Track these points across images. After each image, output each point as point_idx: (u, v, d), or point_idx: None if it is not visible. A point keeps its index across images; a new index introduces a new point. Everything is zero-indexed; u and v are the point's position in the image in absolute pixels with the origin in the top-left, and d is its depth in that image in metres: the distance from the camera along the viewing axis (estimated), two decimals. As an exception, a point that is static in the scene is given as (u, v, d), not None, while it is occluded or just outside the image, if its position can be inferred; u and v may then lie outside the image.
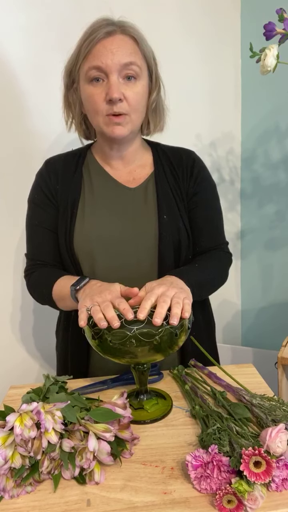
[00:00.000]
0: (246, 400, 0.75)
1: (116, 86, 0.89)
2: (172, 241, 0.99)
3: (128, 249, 0.99)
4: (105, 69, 0.89)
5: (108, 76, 0.90)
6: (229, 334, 1.85)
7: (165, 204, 1.01)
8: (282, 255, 1.67)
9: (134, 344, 0.70)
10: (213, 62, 1.60)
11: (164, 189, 1.02)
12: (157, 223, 0.99)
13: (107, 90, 0.90)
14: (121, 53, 0.89)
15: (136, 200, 1.02)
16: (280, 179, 1.60)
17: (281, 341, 1.21)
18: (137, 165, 1.05)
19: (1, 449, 0.59)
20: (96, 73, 0.90)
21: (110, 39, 0.89)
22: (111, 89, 0.89)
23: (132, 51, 0.91)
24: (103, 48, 0.89)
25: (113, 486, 0.61)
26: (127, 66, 0.90)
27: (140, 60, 0.93)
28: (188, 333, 0.76)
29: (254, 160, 1.67)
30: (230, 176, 1.71)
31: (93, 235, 0.98)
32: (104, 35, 0.89)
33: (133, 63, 0.90)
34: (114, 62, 0.89)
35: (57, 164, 1.05)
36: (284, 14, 0.85)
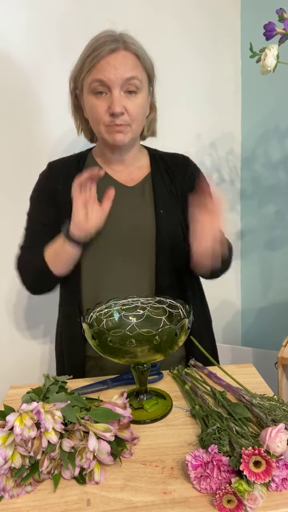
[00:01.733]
0: (246, 400, 0.75)
1: (118, 101, 0.94)
2: (169, 234, 1.04)
3: (126, 242, 1.02)
4: (108, 83, 0.94)
5: (111, 90, 0.95)
6: (229, 334, 1.85)
7: (161, 199, 1.06)
8: (282, 255, 1.66)
9: (134, 344, 0.70)
10: (213, 62, 1.60)
11: (160, 186, 1.07)
12: (154, 217, 1.03)
13: (109, 104, 0.95)
14: (123, 68, 0.94)
15: (134, 197, 1.06)
16: (280, 179, 1.60)
17: (281, 341, 1.21)
18: (135, 167, 1.10)
19: (1, 449, 0.59)
20: (99, 86, 0.95)
21: (114, 55, 0.94)
22: (114, 104, 0.94)
23: (133, 66, 0.96)
24: (107, 64, 0.94)
25: (113, 486, 0.61)
26: (128, 81, 0.95)
27: (141, 73, 0.98)
28: (188, 333, 0.76)
29: (254, 160, 1.66)
30: (230, 176, 1.71)
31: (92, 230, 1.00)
32: (108, 52, 0.94)
33: (135, 77, 0.96)
34: (117, 77, 0.94)
35: (59, 166, 1.10)
36: (284, 14, 0.85)
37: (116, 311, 0.86)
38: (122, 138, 0.99)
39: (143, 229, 1.03)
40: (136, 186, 1.08)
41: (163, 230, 1.03)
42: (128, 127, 0.98)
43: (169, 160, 1.12)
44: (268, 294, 1.74)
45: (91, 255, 1.02)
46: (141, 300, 0.88)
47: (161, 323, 0.83)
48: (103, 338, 0.72)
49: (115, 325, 0.85)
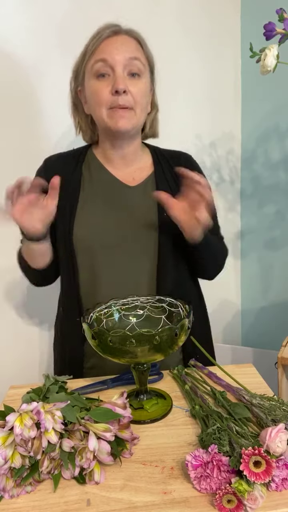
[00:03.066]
0: (246, 400, 0.75)
1: (121, 78, 0.93)
2: (172, 235, 1.01)
3: (128, 243, 1.00)
4: (111, 62, 0.93)
5: (114, 70, 0.94)
6: (229, 334, 1.85)
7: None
8: (282, 255, 1.66)
9: (134, 344, 0.70)
10: (213, 62, 1.60)
11: (163, 187, 1.04)
12: (157, 218, 1.01)
13: (112, 83, 0.94)
14: (126, 48, 0.94)
15: (136, 197, 1.04)
16: (280, 179, 1.60)
17: (281, 341, 1.21)
18: (137, 167, 1.08)
19: (1, 449, 0.59)
20: (102, 67, 0.94)
21: (115, 37, 0.95)
22: (117, 81, 0.93)
23: (135, 49, 0.96)
24: (109, 44, 0.94)
25: (113, 486, 0.61)
26: (131, 61, 0.94)
27: (143, 57, 0.98)
28: (188, 333, 0.76)
29: (254, 160, 1.67)
30: (230, 176, 1.71)
31: (94, 228, 1.00)
32: (110, 33, 0.94)
33: (137, 58, 0.95)
34: (120, 56, 0.93)
35: (55, 162, 1.08)
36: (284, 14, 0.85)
37: (116, 311, 0.86)
38: (125, 124, 0.96)
39: (146, 230, 1.01)
40: (139, 186, 1.05)
41: (166, 232, 1.01)
42: (132, 112, 0.96)
43: (172, 159, 1.10)
44: (268, 294, 1.75)
45: (92, 254, 1.00)
46: (141, 300, 0.87)
47: (161, 322, 0.83)
48: (103, 338, 0.72)
49: (115, 325, 0.85)
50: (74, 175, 1.05)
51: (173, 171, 1.07)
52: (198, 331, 1.06)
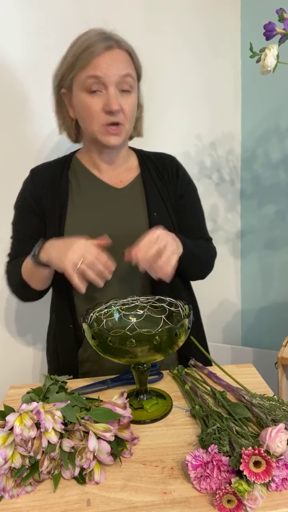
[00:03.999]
0: (246, 400, 0.75)
1: (114, 98, 0.93)
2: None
3: (119, 247, 0.97)
4: (104, 80, 0.93)
5: (107, 88, 0.94)
6: (229, 334, 1.85)
7: (154, 202, 1.04)
8: (282, 255, 1.66)
9: (134, 344, 0.70)
10: (213, 62, 1.60)
11: (151, 188, 1.06)
12: (147, 220, 1.02)
13: (105, 101, 0.94)
14: (119, 65, 0.94)
15: (124, 199, 1.04)
16: (280, 179, 1.60)
17: (281, 341, 1.21)
18: (124, 168, 1.09)
19: (1, 449, 0.59)
20: (94, 83, 0.93)
21: (109, 52, 0.93)
22: (111, 101, 0.93)
23: (127, 64, 0.96)
24: (102, 61, 0.93)
25: (113, 486, 0.61)
26: (124, 78, 0.94)
27: (133, 71, 0.98)
28: (188, 333, 0.76)
29: (254, 160, 1.66)
30: (230, 176, 1.71)
31: (86, 232, 0.98)
32: (103, 49, 0.93)
33: (129, 74, 0.96)
34: (113, 73, 0.93)
35: (42, 172, 1.08)
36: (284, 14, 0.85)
37: (116, 311, 0.86)
38: (117, 140, 0.98)
39: (137, 232, 0.98)
40: (126, 187, 1.05)
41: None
42: (123, 127, 0.97)
43: (157, 161, 1.11)
44: (268, 294, 1.74)
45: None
46: (141, 300, 0.88)
47: (161, 322, 0.83)
48: (103, 338, 0.72)
49: (115, 325, 0.85)
50: (61, 183, 1.05)
51: (159, 171, 1.09)
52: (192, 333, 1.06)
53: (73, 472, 0.62)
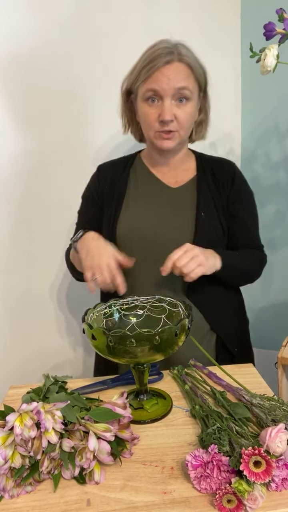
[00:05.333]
0: (246, 400, 0.75)
1: (168, 109, 1.00)
2: (207, 238, 1.06)
3: (164, 242, 1.05)
4: (161, 93, 1.00)
5: (163, 99, 1.00)
6: (229, 334, 1.85)
7: (204, 203, 1.09)
8: (282, 255, 1.66)
9: (134, 344, 0.70)
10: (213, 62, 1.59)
11: (204, 190, 1.10)
12: (194, 219, 1.06)
13: (160, 112, 1.01)
14: (176, 79, 0.99)
15: (176, 198, 1.10)
16: (280, 179, 1.60)
17: (281, 341, 1.21)
18: (181, 169, 1.15)
19: (1, 449, 0.59)
20: (152, 95, 1.01)
21: (168, 66, 1.00)
22: (164, 112, 1.00)
23: (185, 77, 1.01)
24: (161, 75, 0.99)
25: (113, 486, 0.61)
26: (180, 90, 1.00)
27: (192, 83, 1.03)
28: (188, 333, 0.76)
29: (254, 160, 1.66)
30: (230, 176, 1.71)
31: (134, 225, 1.08)
32: (163, 64, 0.99)
33: (186, 87, 1.01)
34: (170, 86, 0.99)
35: (107, 169, 1.19)
36: (284, 14, 0.85)
37: (116, 311, 0.86)
38: (169, 144, 1.04)
39: (182, 230, 1.06)
40: (180, 188, 1.11)
41: (202, 233, 1.05)
42: (176, 133, 1.03)
43: (215, 165, 1.16)
44: (268, 294, 1.74)
45: (130, 250, 1.04)
46: (141, 299, 0.88)
47: (161, 322, 0.83)
48: (103, 338, 0.72)
49: (115, 325, 0.85)
50: (122, 178, 1.14)
51: (215, 176, 1.13)
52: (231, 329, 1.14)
53: (73, 472, 0.62)
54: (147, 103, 1.02)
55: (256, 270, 1.17)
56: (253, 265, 1.15)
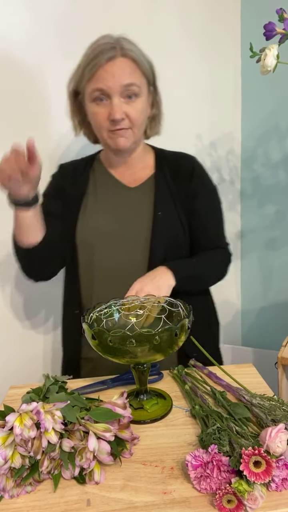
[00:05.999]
0: (246, 400, 0.75)
1: (118, 107, 0.97)
2: (166, 236, 1.05)
3: (122, 241, 1.06)
4: (108, 91, 0.97)
5: (111, 97, 0.97)
6: (229, 334, 1.85)
7: (161, 201, 1.07)
8: (282, 255, 1.66)
9: (134, 344, 0.70)
10: (213, 62, 1.60)
11: (162, 188, 1.08)
12: (151, 218, 1.05)
13: (109, 110, 0.98)
14: (121, 75, 0.96)
15: (134, 198, 1.09)
16: (280, 179, 1.60)
17: (281, 341, 1.21)
18: (139, 167, 1.12)
19: (1, 449, 0.59)
20: (99, 94, 0.98)
21: (111, 63, 0.96)
22: (113, 110, 0.97)
23: (131, 72, 0.98)
24: (105, 72, 0.96)
25: (113, 486, 0.61)
26: (127, 87, 0.97)
27: (139, 78, 1.00)
28: (188, 333, 0.76)
29: (254, 160, 1.66)
30: (230, 176, 1.71)
31: (93, 228, 1.07)
32: (105, 60, 0.96)
33: (133, 84, 0.98)
34: (116, 84, 0.96)
35: (67, 168, 1.17)
36: (284, 14, 0.85)
37: (116, 311, 0.86)
38: (124, 143, 1.02)
39: (140, 231, 1.05)
40: (138, 187, 1.10)
41: (159, 232, 1.04)
42: (130, 131, 1.01)
43: (174, 161, 1.13)
44: (268, 294, 1.74)
45: (88, 250, 1.06)
46: (141, 299, 0.88)
47: (161, 322, 0.82)
48: (103, 338, 0.72)
49: (115, 325, 0.85)
50: (81, 178, 1.12)
51: (174, 171, 1.10)
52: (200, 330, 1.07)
53: (73, 472, 0.62)
54: (95, 103, 1.00)
55: (218, 274, 1.14)
56: (213, 269, 1.13)
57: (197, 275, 1.07)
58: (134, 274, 1.02)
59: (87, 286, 1.08)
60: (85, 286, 1.09)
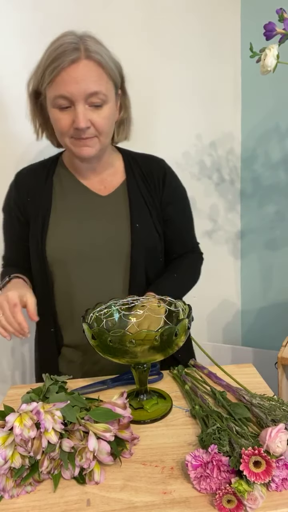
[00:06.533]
0: (246, 400, 0.75)
1: (82, 116, 0.89)
2: (145, 248, 1.01)
3: (100, 256, 1.00)
4: (71, 98, 0.89)
5: (75, 105, 0.89)
6: (229, 334, 1.85)
7: (138, 211, 1.02)
8: (282, 255, 1.66)
9: (134, 344, 0.70)
10: (213, 62, 1.60)
11: (136, 197, 1.03)
12: (129, 231, 1.00)
13: (73, 118, 0.90)
14: (86, 82, 0.88)
15: (108, 208, 1.03)
16: (280, 179, 1.60)
17: (281, 341, 1.21)
18: (108, 173, 1.06)
19: (1, 449, 0.59)
20: (62, 101, 0.89)
21: (74, 66, 0.87)
22: (78, 119, 0.89)
23: (96, 79, 0.89)
24: (68, 77, 0.87)
25: (113, 486, 0.61)
26: (92, 95, 0.89)
27: (105, 85, 0.91)
28: (188, 333, 0.76)
29: (254, 160, 1.66)
30: (230, 176, 1.71)
31: (66, 241, 0.99)
32: (68, 63, 0.87)
33: (99, 92, 0.89)
34: (80, 91, 0.88)
35: (26, 177, 1.07)
36: (284, 14, 0.85)
37: (116, 311, 0.86)
38: (89, 152, 0.94)
39: (118, 243, 1.00)
40: (110, 195, 1.03)
41: (138, 244, 1.00)
42: (95, 139, 0.94)
43: (144, 165, 1.07)
44: (268, 294, 1.74)
45: (65, 265, 0.99)
46: (141, 299, 0.88)
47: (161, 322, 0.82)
48: (103, 338, 0.72)
49: (115, 325, 0.85)
50: (45, 187, 1.03)
51: (145, 177, 1.05)
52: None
53: (73, 472, 0.62)
54: (57, 109, 0.91)
55: (196, 280, 1.13)
56: (193, 278, 1.12)
57: (181, 290, 1.06)
58: (115, 285, 1.01)
59: (64, 303, 1.02)
60: (61, 303, 1.03)
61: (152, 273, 1.05)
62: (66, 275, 1.00)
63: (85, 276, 1.00)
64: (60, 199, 1.03)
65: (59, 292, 1.02)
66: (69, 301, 1.01)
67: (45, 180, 1.04)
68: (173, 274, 1.05)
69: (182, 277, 1.07)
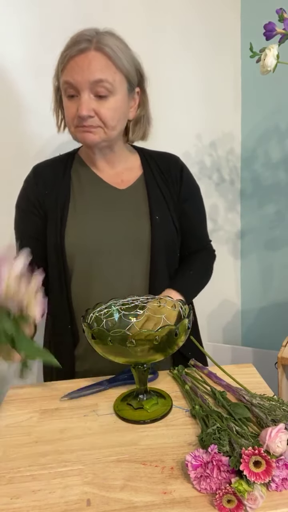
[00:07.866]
0: (246, 400, 0.75)
1: (85, 104, 0.91)
2: (164, 241, 1.02)
3: (120, 249, 1.00)
4: (76, 86, 0.91)
5: (80, 93, 0.91)
6: (229, 334, 1.85)
7: (157, 205, 1.03)
8: (282, 255, 1.66)
9: (134, 344, 0.70)
10: (213, 62, 1.60)
11: (154, 191, 1.04)
12: (149, 224, 1.01)
13: (78, 106, 0.92)
14: (91, 70, 0.89)
15: (126, 201, 1.03)
16: (280, 179, 1.60)
17: (281, 341, 1.21)
18: (124, 167, 1.06)
19: None
20: (69, 89, 0.92)
21: (82, 56, 0.89)
22: (80, 107, 0.91)
23: (102, 68, 0.90)
24: (75, 64, 0.90)
25: (113, 486, 0.61)
26: (97, 84, 0.90)
27: (113, 75, 0.92)
28: (188, 333, 0.76)
29: (254, 160, 1.66)
30: (230, 176, 1.71)
31: (85, 234, 0.99)
32: (76, 52, 0.89)
33: (104, 80, 0.90)
34: (84, 79, 0.90)
35: (44, 170, 1.06)
36: (284, 14, 0.85)
37: (116, 311, 0.86)
38: (92, 138, 0.95)
39: (138, 235, 1.00)
40: (129, 189, 1.04)
41: (158, 237, 1.00)
42: (99, 128, 0.94)
43: (160, 161, 1.08)
44: (268, 294, 1.74)
45: (84, 260, 0.99)
46: (141, 299, 0.88)
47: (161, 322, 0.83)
48: (103, 338, 0.72)
49: (115, 325, 0.85)
50: (63, 181, 1.03)
51: (162, 172, 1.06)
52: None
53: None
54: (67, 97, 0.94)
55: (209, 278, 1.14)
56: (208, 276, 1.14)
57: (198, 288, 1.08)
58: (135, 280, 1.01)
59: (81, 299, 1.01)
60: (78, 299, 1.02)
61: (172, 267, 1.06)
62: (85, 269, 0.99)
63: (105, 270, 0.99)
64: (79, 193, 1.03)
65: (76, 287, 1.01)
66: (87, 296, 0.99)
67: (63, 174, 1.05)
68: (190, 272, 1.07)
69: (197, 275, 1.09)
